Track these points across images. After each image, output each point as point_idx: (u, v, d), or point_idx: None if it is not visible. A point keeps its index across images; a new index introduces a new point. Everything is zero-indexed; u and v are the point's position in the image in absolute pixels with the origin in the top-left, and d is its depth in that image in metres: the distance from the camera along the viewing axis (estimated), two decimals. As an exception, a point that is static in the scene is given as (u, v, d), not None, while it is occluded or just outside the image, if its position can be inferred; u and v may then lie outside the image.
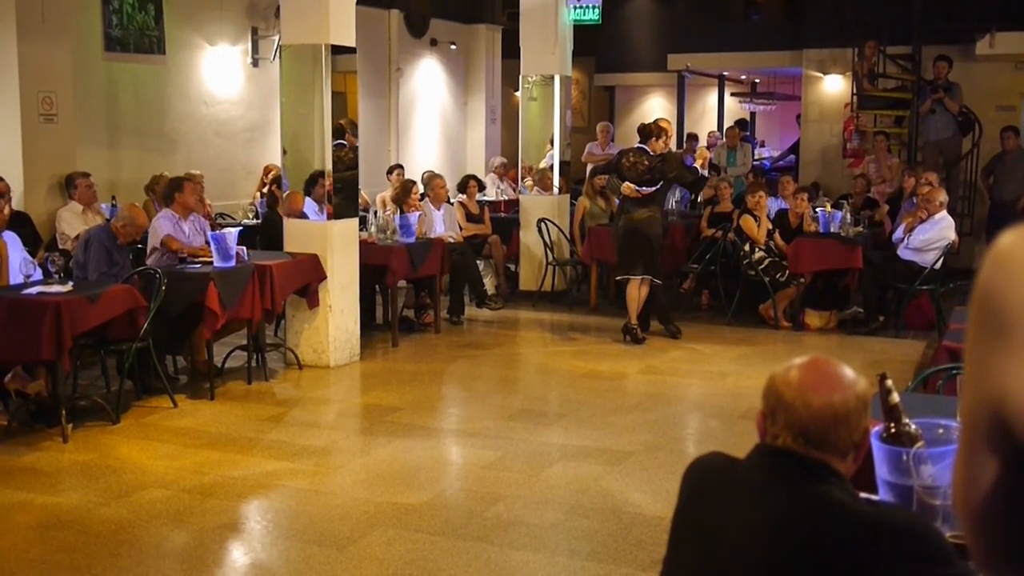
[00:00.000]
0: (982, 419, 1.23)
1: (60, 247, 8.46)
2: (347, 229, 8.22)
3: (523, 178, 11.61)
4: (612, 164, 9.14)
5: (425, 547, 4.67)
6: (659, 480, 5.57)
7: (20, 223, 8.12)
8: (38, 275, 6.56)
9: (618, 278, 9.25)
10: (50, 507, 5.14)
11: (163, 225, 7.57)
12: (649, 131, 8.78)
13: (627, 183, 8.68)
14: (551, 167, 11.49)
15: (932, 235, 9.08)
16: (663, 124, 8.89)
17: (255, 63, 12.02)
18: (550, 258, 10.95)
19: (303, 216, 8.23)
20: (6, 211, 6.87)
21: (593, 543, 4.79)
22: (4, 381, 6.36)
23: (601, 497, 5.33)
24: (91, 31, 10.04)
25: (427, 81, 15.39)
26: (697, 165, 8.52)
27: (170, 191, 7.79)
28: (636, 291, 8.85)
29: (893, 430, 2.40)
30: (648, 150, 8.69)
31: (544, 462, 5.86)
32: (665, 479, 5.54)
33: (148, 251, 7.61)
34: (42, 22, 8.90)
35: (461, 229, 10.57)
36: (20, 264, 6.57)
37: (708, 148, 15.42)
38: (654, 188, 8.68)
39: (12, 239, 6.84)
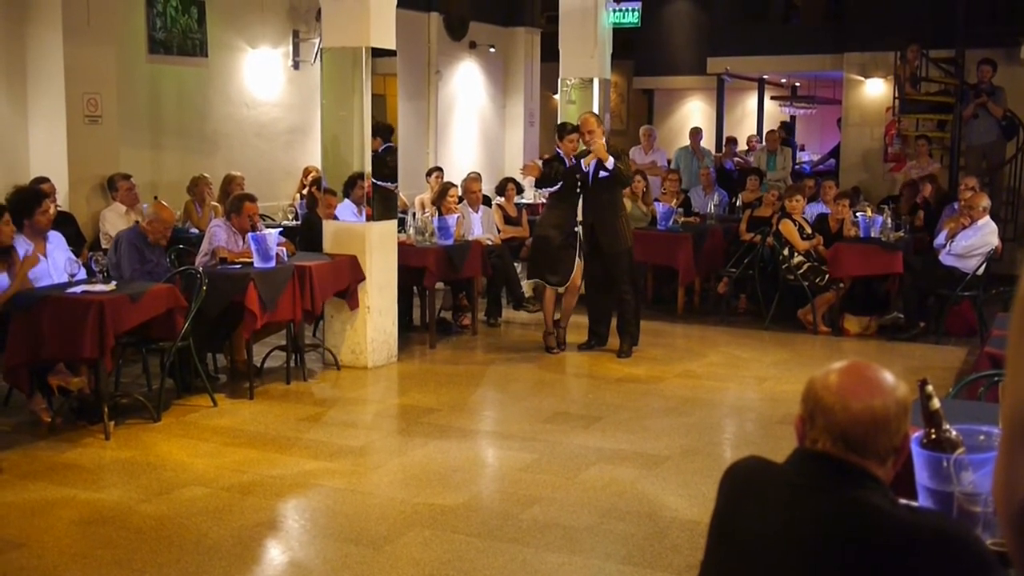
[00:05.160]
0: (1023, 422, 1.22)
1: (103, 247, 8.57)
2: (386, 231, 8.27)
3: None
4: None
5: (461, 548, 4.69)
6: (695, 484, 5.55)
7: (65, 223, 8.23)
8: (82, 274, 6.66)
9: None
10: (92, 503, 5.21)
11: (218, 235, 7.62)
12: (561, 130, 8.56)
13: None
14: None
15: (975, 241, 8.98)
16: (584, 120, 8.39)
17: (296, 66, 12.12)
18: (587, 261, 10.91)
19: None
20: (52, 211, 6.97)
21: (629, 547, 4.78)
22: (47, 378, 6.46)
23: (637, 501, 5.33)
24: (135, 34, 10.17)
25: (466, 84, 15.44)
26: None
27: (231, 208, 7.81)
28: (550, 298, 8.70)
29: (933, 436, 2.38)
30: (559, 152, 8.44)
31: (580, 465, 5.86)
32: (701, 483, 5.53)
33: (200, 252, 7.68)
34: (87, 25, 9.04)
35: (499, 232, 10.59)
36: (65, 263, 6.67)
37: (748, 152, 15.36)
38: (553, 189, 8.43)
39: (57, 239, 6.94)
